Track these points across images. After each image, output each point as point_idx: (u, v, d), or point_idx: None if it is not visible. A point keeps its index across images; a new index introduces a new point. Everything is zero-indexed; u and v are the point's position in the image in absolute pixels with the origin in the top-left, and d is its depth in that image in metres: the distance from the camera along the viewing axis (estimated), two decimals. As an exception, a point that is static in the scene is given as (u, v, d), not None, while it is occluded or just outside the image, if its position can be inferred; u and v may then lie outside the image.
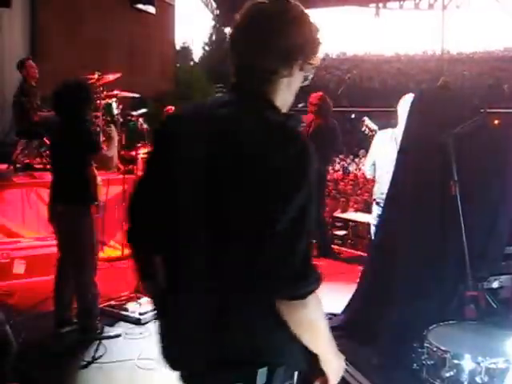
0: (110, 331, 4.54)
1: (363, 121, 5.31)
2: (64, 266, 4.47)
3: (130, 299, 5.09)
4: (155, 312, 1.73)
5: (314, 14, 1.65)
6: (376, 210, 5.03)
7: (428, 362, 2.79)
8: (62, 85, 4.43)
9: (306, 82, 1.66)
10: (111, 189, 6.63)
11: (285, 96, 1.61)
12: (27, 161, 6.84)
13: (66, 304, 4.50)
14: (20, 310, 4.94)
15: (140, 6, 12.85)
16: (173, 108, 6.94)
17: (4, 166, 6.96)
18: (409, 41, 55.12)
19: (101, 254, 6.44)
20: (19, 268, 5.66)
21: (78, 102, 4.37)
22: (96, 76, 6.61)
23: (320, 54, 1.61)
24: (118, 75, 6.67)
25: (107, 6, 12.12)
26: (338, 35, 55.33)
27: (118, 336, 4.51)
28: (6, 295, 5.27)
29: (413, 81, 24.19)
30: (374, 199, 5.12)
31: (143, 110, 7.00)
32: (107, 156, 4.35)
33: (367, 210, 7.36)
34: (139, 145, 6.50)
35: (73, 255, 4.38)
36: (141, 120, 7.03)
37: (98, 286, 4.45)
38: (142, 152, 6.26)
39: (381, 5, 30.59)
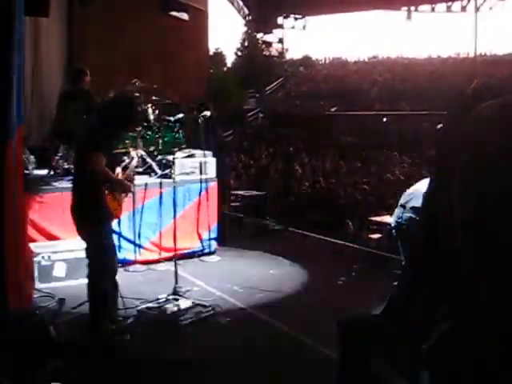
0: (148, 333, 4.60)
1: None
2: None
3: (167, 301, 5.16)
4: None
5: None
6: (397, 213, 5.05)
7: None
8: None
9: None
10: (148, 192, 6.75)
11: None
12: (67, 166, 6.97)
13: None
14: (61, 311, 5.05)
15: (174, 12, 13.02)
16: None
17: (44, 171, 7.12)
18: (441, 43, 54.63)
19: (138, 257, 6.58)
20: (60, 270, 5.78)
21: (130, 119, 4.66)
22: (133, 82, 6.74)
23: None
24: (154, 86, 6.86)
25: (142, 13, 12.31)
26: (371, 38, 55.12)
27: (155, 337, 4.58)
28: (47, 297, 5.39)
29: (446, 83, 23.92)
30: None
31: (180, 115, 7.11)
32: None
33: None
34: (175, 149, 6.60)
35: (92, 263, 4.54)
36: (177, 125, 7.13)
37: (117, 287, 4.55)
38: (179, 156, 6.35)
39: (412, 8, 30.38)
